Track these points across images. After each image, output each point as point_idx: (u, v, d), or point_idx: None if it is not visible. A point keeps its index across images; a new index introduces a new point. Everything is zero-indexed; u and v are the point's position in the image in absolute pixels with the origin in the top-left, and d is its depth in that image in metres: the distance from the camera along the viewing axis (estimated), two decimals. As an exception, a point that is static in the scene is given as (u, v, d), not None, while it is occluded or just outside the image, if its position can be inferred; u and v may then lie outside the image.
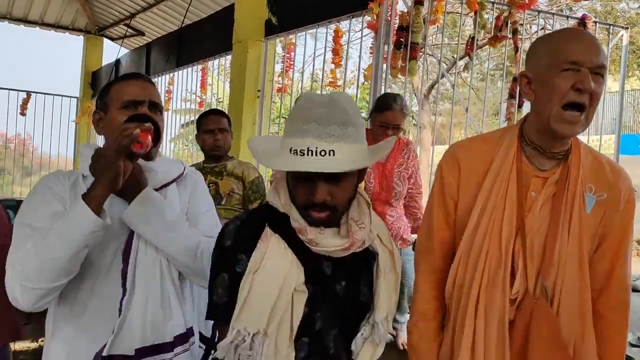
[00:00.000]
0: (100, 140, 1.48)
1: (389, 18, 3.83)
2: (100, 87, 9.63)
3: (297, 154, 1.09)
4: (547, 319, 1.23)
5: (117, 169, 1.21)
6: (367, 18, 3.95)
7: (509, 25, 4.04)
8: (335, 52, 4.23)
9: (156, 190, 1.41)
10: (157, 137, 1.36)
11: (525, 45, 4.58)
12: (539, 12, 4.34)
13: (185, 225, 1.41)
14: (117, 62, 8.71)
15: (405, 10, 3.93)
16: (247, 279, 1.12)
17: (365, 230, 1.18)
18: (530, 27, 10.31)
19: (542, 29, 6.83)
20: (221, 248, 1.20)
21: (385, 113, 2.80)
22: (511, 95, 4.28)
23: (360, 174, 1.21)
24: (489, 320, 1.26)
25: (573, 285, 1.25)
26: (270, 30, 4.99)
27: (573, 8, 11.65)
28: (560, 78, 1.20)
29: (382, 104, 2.84)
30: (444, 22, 4.07)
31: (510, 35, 4.13)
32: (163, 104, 1.51)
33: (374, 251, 1.25)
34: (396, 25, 3.90)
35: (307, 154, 1.08)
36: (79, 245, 1.20)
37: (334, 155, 1.08)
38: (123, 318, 1.30)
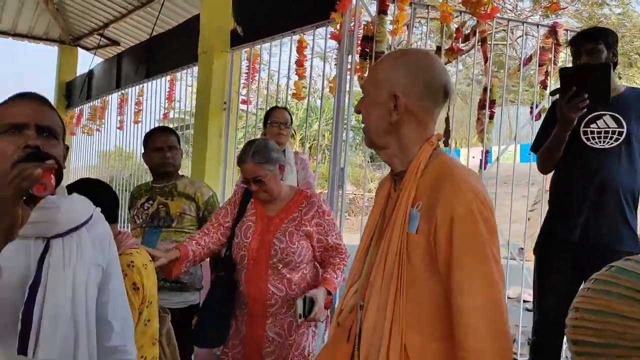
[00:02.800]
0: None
1: (352, 28, 3.71)
2: (75, 98, 9.23)
3: None
4: (345, 331, 1.40)
5: (14, 217, 1.02)
6: (332, 29, 3.82)
7: (477, 34, 3.94)
8: (299, 63, 4.11)
9: (63, 234, 1.19)
10: (59, 175, 1.15)
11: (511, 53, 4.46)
12: (509, 20, 4.24)
13: None
14: (90, 73, 8.54)
15: (370, 20, 3.81)
16: None
17: None
18: (514, 33, 10.27)
19: (525, 34, 6.76)
20: None
21: (241, 167, 2.40)
22: (482, 106, 4.16)
23: None
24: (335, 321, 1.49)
25: (380, 302, 1.28)
26: (236, 40, 4.85)
27: (559, 14, 11.67)
28: None
29: (239, 156, 2.41)
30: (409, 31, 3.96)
31: (479, 45, 4.03)
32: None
33: None
34: (360, 36, 3.78)
35: None
36: None
37: None
38: None
